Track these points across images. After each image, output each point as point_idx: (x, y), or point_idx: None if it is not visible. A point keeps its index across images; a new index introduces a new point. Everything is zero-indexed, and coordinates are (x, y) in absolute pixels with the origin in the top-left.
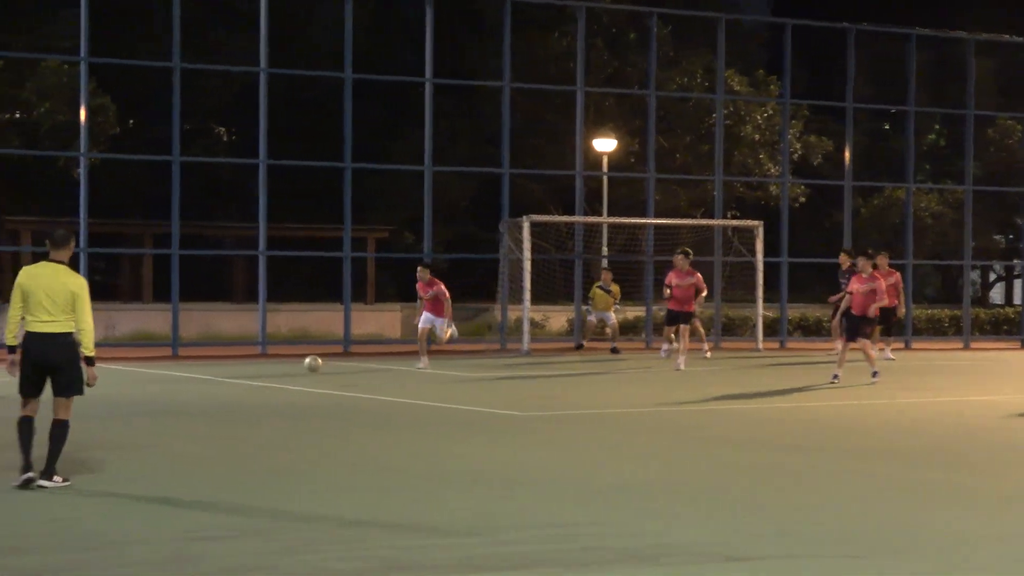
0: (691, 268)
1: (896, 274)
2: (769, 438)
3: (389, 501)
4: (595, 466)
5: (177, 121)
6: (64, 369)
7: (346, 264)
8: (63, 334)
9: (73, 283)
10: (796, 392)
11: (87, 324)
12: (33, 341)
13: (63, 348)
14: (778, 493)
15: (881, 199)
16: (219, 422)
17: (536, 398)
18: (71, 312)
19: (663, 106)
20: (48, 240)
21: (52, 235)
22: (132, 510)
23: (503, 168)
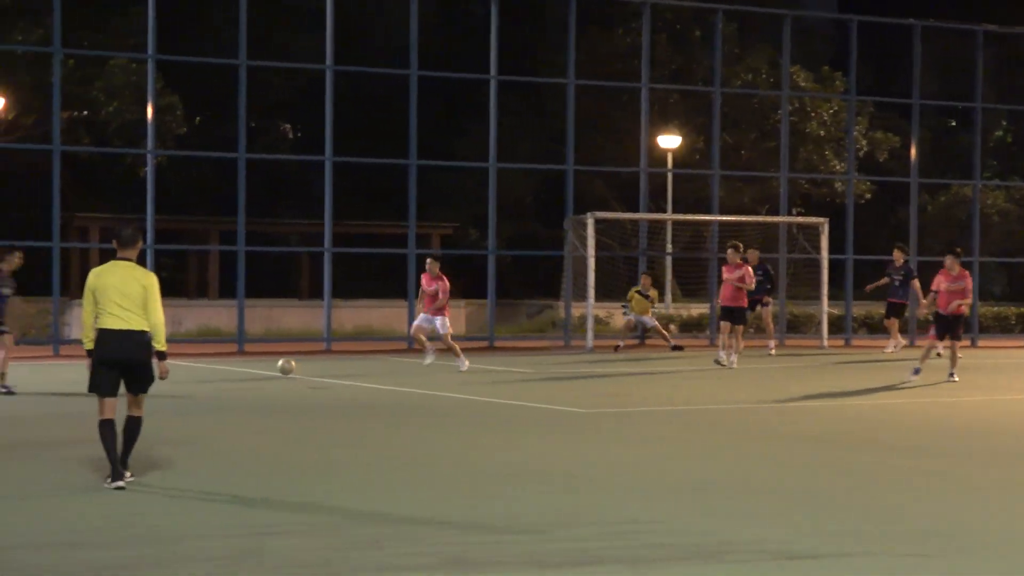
0: (741, 261)
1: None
2: (837, 435)
3: (453, 497)
4: (661, 463)
5: (243, 118)
6: (139, 366)
7: (411, 261)
8: (138, 331)
9: (144, 280)
10: (863, 390)
11: (159, 319)
12: (108, 339)
13: (138, 345)
14: (847, 491)
15: (947, 196)
16: (283, 418)
17: (601, 395)
18: (143, 309)
19: (728, 103)
20: (115, 239)
21: (119, 234)
22: (197, 506)
23: (567, 165)
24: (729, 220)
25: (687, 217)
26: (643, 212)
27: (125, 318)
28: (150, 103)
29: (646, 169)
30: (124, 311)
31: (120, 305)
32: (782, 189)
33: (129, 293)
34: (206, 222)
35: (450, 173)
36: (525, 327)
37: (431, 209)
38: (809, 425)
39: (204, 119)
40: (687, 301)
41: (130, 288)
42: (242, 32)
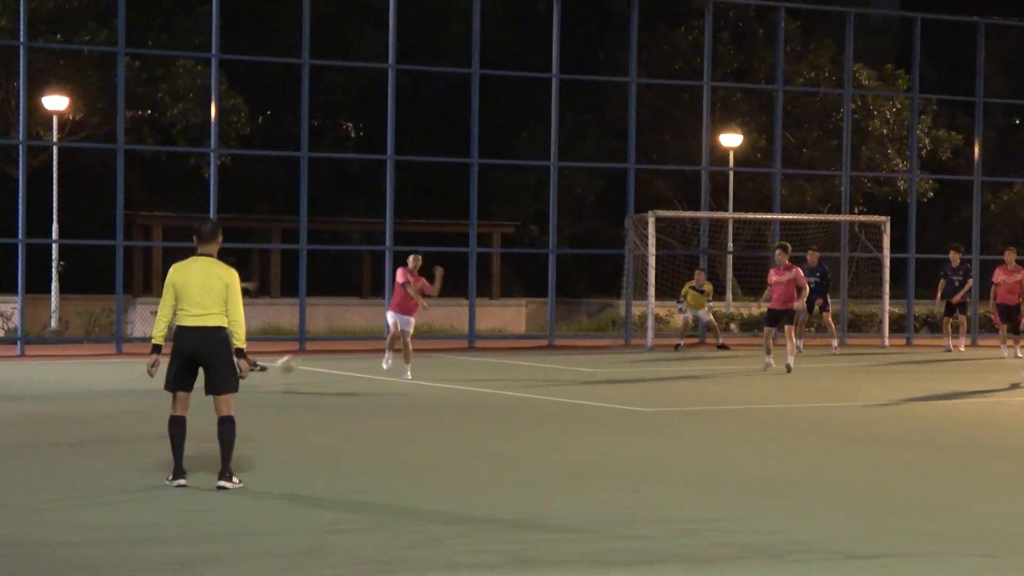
0: (791, 263)
1: (1023, 271)
2: (903, 435)
3: (515, 496)
4: (723, 462)
5: (305, 117)
6: (216, 363)
7: (472, 259)
8: (216, 328)
9: (226, 275)
10: (930, 389)
11: (239, 316)
12: (186, 334)
13: (216, 342)
14: (911, 491)
15: (1011, 194)
16: (345, 415)
17: (662, 393)
18: (224, 306)
19: (790, 101)
20: (196, 235)
21: (199, 229)
22: (261, 503)
23: (629, 163)
24: (790, 219)
25: (748, 216)
26: (704, 211)
27: (204, 315)
28: (214, 103)
29: (707, 167)
30: (203, 308)
31: (199, 302)
32: (844, 187)
33: (211, 289)
34: (268, 221)
35: (512, 171)
36: (585, 326)
37: (493, 207)
38: (873, 425)
39: (267, 118)
40: (748, 300)
41: (212, 284)
42: (305, 31)
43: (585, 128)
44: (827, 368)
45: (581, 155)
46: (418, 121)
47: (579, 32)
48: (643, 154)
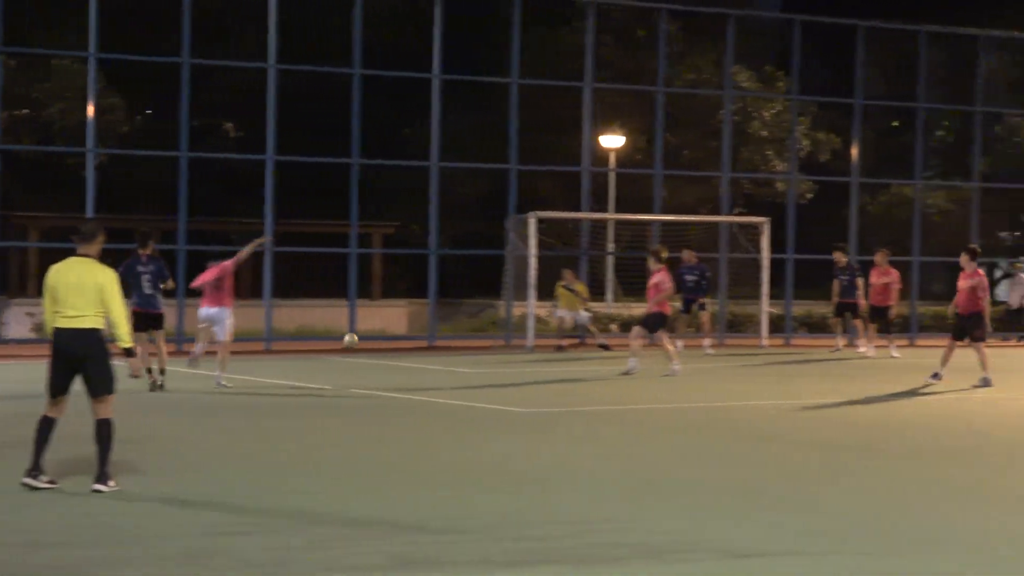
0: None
1: (894, 273)
2: (787, 434)
3: (400, 498)
4: (609, 463)
5: (185, 117)
6: (92, 365)
7: (352, 260)
8: (91, 330)
9: (101, 276)
10: (812, 389)
11: (119, 316)
12: (60, 336)
13: (90, 344)
14: (800, 490)
15: (889, 196)
16: (226, 418)
17: (544, 394)
18: (99, 307)
19: (671, 102)
20: (75, 235)
21: (80, 229)
22: (150, 506)
23: (510, 164)
24: (671, 219)
25: (628, 216)
26: (585, 211)
27: (77, 316)
28: (91, 102)
29: (589, 168)
30: (76, 309)
31: (73, 304)
32: (723, 189)
33: (84, 291)
34: (148, 221)
35: (393, 172)
36: (466, 327)
37: (374, 208)
38: (761, 424)
39: (147, 118)
40: (629, 300)
41: (85, 285)
42: (185, 30)
43: (467, 129)
44: (706, 369)
45: (464, 155)
46: (300, 121)
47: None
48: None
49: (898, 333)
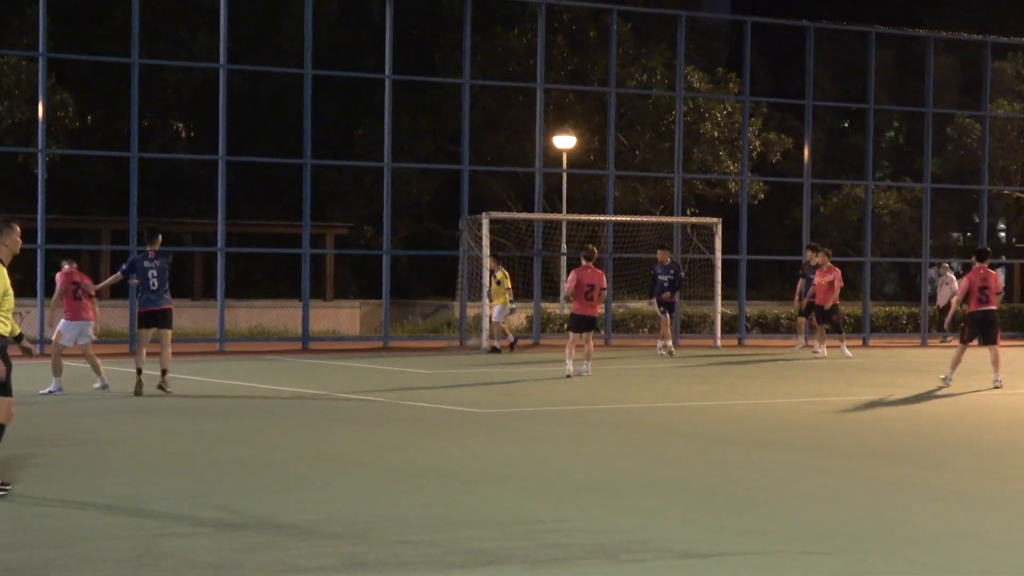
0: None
1: (836, 271)
2: (737, 435)
3: (352, 498)
4: (561, 463)
5: (135, 117)
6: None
7: (305, 261)
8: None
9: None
10: (766, 389)
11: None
12: None
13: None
14: (750, 489)
15: (840, 196)
16: (177, 419)
17: (498, 395)
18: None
19: (623, 103)
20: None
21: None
22: (94, 508)
23: (463, 165)
24: (624, 220)
25: (582, 217)
26: (538, 212)
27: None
28: (41, 101)
29: (541, 169)
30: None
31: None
32: (676, 189)
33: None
34: (99, 221)
35: (346, 172)
36: (420, 327)
37: (327, 209)
38: (709, 424)
39: (98, 117)
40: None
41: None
42: (135, 29)
43: (420, 129)
44: (662, 368)
45: (417, 156)
46: (251, 121)
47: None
48: (477, 155)
49: (850, 333)
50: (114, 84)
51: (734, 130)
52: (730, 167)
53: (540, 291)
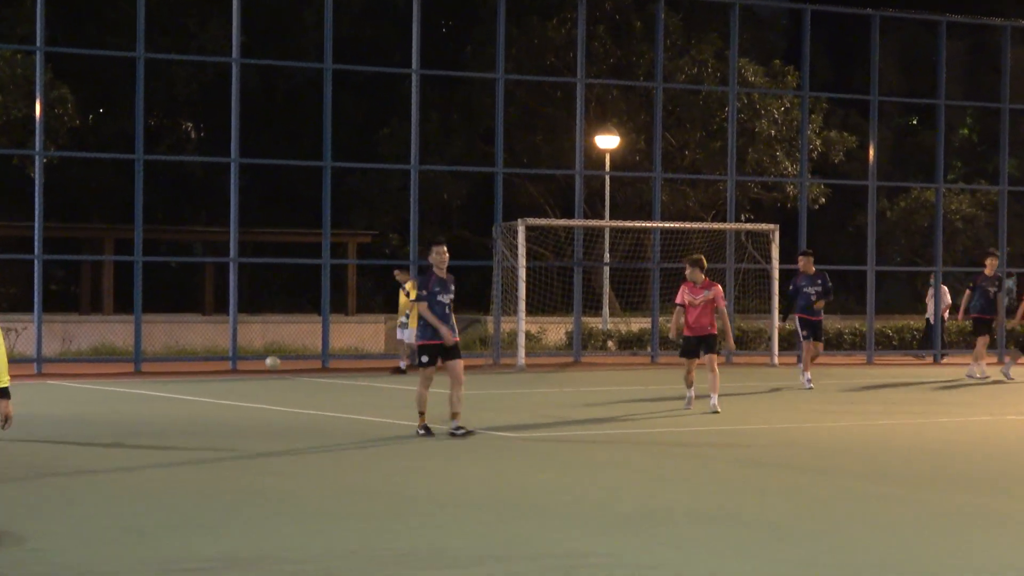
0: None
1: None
2: (789, 460)
3: (378, 530)
4: (602, 491)
5: (141, 116)
6: None
7: (325, 272)
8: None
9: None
10: (827, 412)
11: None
12: None
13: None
14: (804, 520)
15: (909, 200)
16: (185, 445)
17: (535, 417)
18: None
19: (671, 99)
20: None
21: None
22: (100, 541)
23: (496, 167)
24: (672, 227)
25: (626, 224)
26: (578, 218)
27: None
28: (38, 99)
29: (582, 171)
30: None
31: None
32: (729, 193)
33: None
34: (100, 229)
35: (369, 176)
36: None
37: (348, 215)
38: (765, 449)
39: (100, 116)
40: (627, 315)
41: None
42: (140, 21)
43: (450, 129)
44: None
45: (446, 158)
46: (267, 120)
47: (444, 25)
48: (512, 157)
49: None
50: (118, 80)
51: (792, 128)
52: (788, 169)
53: (581, 304)
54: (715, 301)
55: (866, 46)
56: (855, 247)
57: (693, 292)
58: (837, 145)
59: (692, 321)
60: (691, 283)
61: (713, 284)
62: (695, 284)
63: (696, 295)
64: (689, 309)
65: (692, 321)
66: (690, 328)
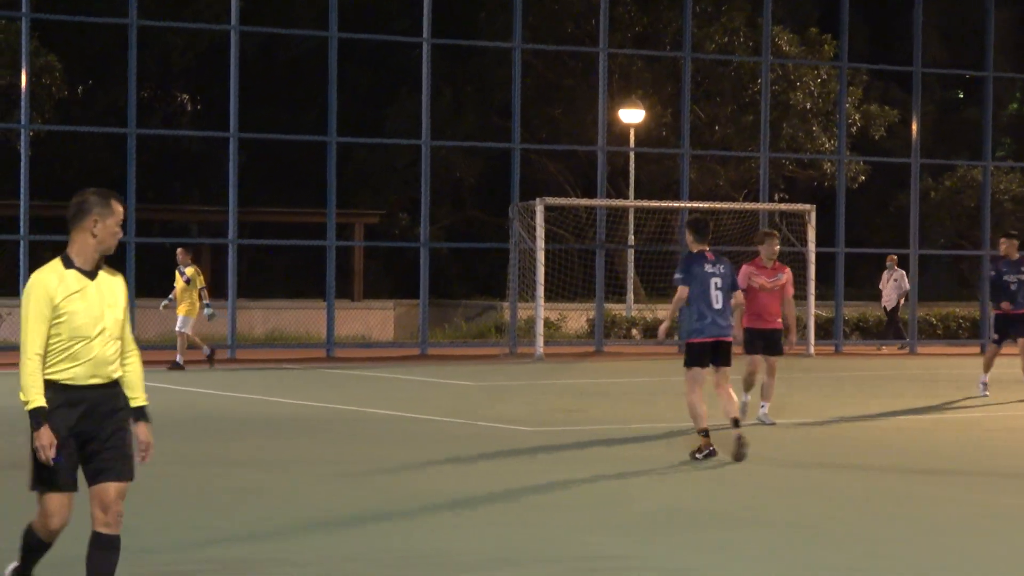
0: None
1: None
2: (825, 458)
3: (385, 531)
4: (626, 490)
5: (133, 88)
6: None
7: (330, 254)
8: None
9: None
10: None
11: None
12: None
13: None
14: (840, 521)
15: (954, 179)
16: (181, 440)
17: (551, 411)
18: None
19: (700, 70)
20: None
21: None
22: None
23: (513, 143)
24: (701, 207)
25: (651, 203)
26: (601, 198)
27: None
28: (24, 70)
29: (604, 147)
30: None
31: None
32: (762, 171)
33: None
34: None
35: (377, 152)
36: (464, 332)
37: (355, 194)
38: (801, 446)
39: (89, 87)
40: (653, 301)
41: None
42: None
43: (463, 102)
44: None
45: (459, 133)
46: (267, 93)
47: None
48: (530, 132)
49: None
50: (108, 49)
51: (829, 101)
52: (825, 145)
53: (603, 290)
54: (786, 287)
55: (908, 13)
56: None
57: (765, 274)
58: (877, 119)
59: (760, 309)
60: (760, 263)
61: (785, 267)
62: (766, 265)
63: (769, 277)
64: (756, 295)
65: (760, 309)
66: (756, 318)
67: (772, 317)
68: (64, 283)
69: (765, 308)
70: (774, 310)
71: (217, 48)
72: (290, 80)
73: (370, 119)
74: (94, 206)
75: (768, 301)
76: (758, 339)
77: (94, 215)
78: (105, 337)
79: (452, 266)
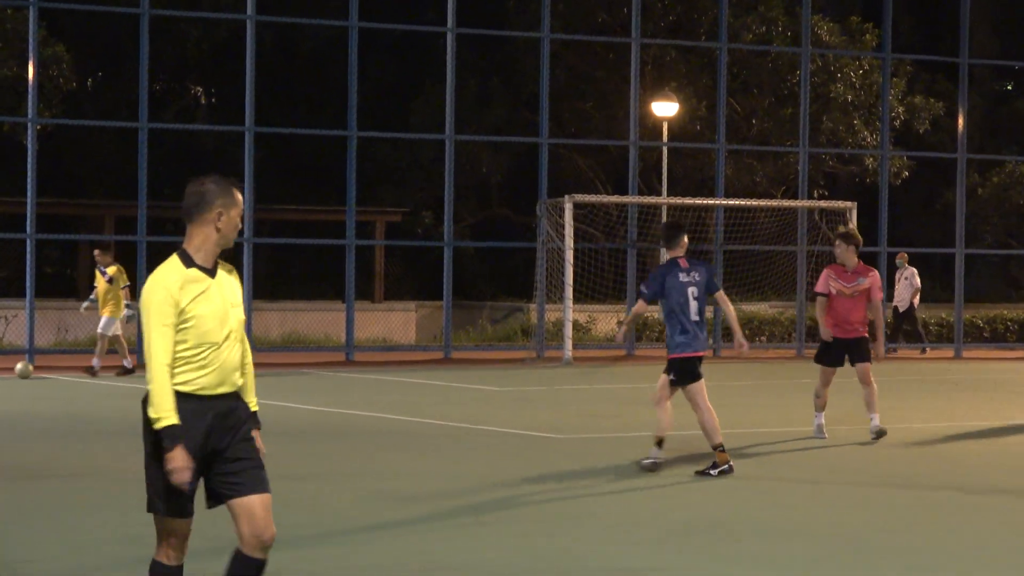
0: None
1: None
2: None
3: (406, 541)
4: (656, 500)
5: (145, 80)
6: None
7: (349, 254)
8: None
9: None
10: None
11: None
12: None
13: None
14: (884, 533)
15: (1003, 175)
16: None
17: (579, 417)
18: None
19: (736, 61)
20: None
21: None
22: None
23: (541, 137)
24: (737, 204)
25: (685, 201)
26: (632, 195)
27: None
28: (31, 60)
29: (636, 142)
30: None
31: None
32: (801, 166)
33: None
34: (100, 206)
35: (400, 147)
36: (489, 335)
37: (377, 191)
38: (842, 457)
39: (100, 79)
40: None
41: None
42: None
43: (490, 95)
44: (780, 386)
45: (485, 127)
46: (285, 86)
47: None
48: (559, 126)
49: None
50: (119, 40)
51: (872, 94)
52: (867, 139)
53: (635, 291)
54: (871, 292)
55: (955, 2)
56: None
57: (843, 278)
58: (922, 113)
59: (840, 318)
60: (840, 266)
61: (870, 269)
62: (846, 268)
63: (848, 282)
64: (837, 301)
65: (840, 318)
66: (836, 326)
67: (851, 326)
68: (187, 284)
69: (842, 316)
70: (853, 318)
71: (233, 39)
72: (309, 72)
73: (395, 113)
74: (217, 196)
75: (847, 308)
76: (835, 349)
77: (218, 206)
78: (232, 341)
79: (477, 266)
